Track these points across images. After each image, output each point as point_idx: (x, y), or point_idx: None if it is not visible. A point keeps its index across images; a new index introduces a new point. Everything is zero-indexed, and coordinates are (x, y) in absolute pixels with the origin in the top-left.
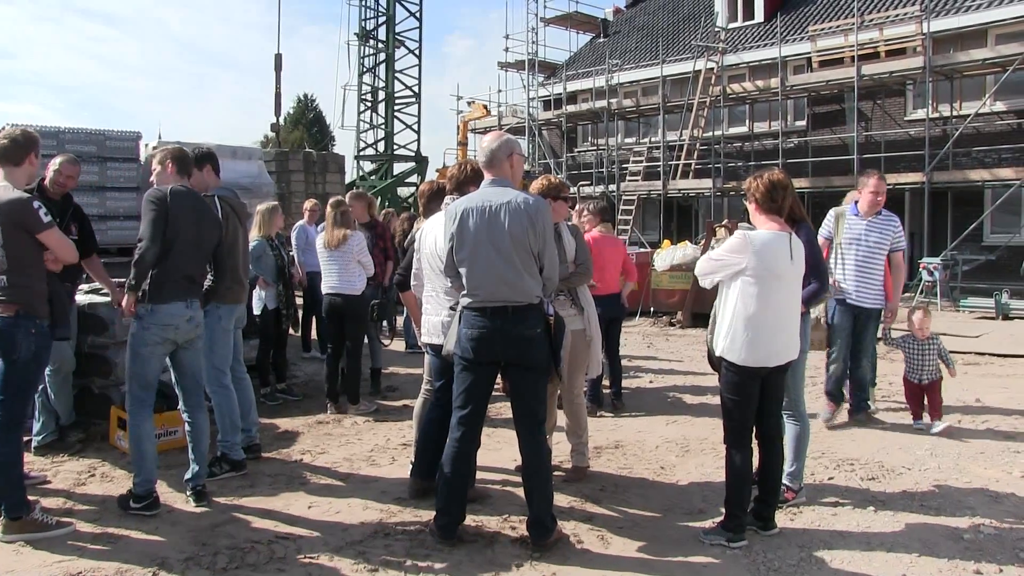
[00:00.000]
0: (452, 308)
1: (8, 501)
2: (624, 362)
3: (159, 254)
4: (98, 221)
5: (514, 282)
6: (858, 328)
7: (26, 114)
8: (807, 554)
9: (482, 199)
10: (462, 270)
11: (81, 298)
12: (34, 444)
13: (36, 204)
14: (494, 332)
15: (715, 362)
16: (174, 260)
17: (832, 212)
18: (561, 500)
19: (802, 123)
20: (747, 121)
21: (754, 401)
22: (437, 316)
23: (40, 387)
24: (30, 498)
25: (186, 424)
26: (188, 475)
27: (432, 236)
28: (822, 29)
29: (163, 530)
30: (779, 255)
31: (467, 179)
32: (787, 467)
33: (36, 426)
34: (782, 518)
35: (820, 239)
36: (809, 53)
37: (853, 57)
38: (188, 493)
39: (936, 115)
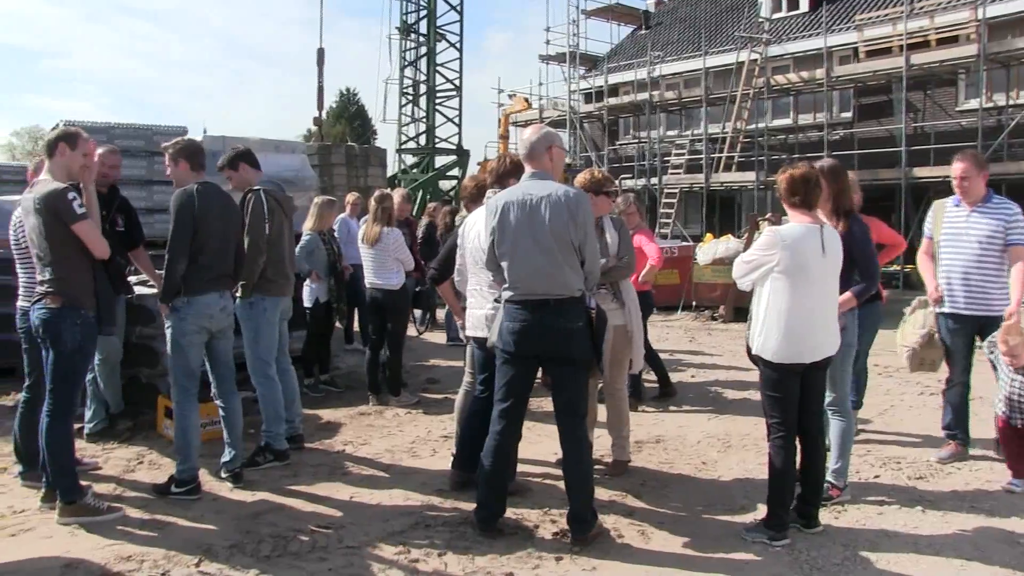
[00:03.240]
0: (497, 301)
1: (61, 486)
2: (665, 356)
3: (188, 263)
4: (145, 214)
5: (555, 275)
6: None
7: (78, 111)
8: (852, 553)
9: (522, 192)
10: (503, 263)
11: None
12: (86, 431)
13: (71, 195)
14: (535, 325)
15: (755, 358)
16: (206, 258)
17: (934, 204)
18: (602, 494)
19: (848, 115)
20: (791, 113)
21: (794, 398)
22: (481, 310)
23: (90, 376)
24: (83, 483)
25: (220, 410)
26: (225, 458)
27: (475, 231)
28: (869, 18)
29: (208, 518)
30: (809, 249)
31: (507, 172)
32: (832, 464)
33: (87, 414)
34: (826, 516)
35: (924, 237)
36: (856, 43)
37: (902, 46)
38: (224, 475)
39: (990, 105)
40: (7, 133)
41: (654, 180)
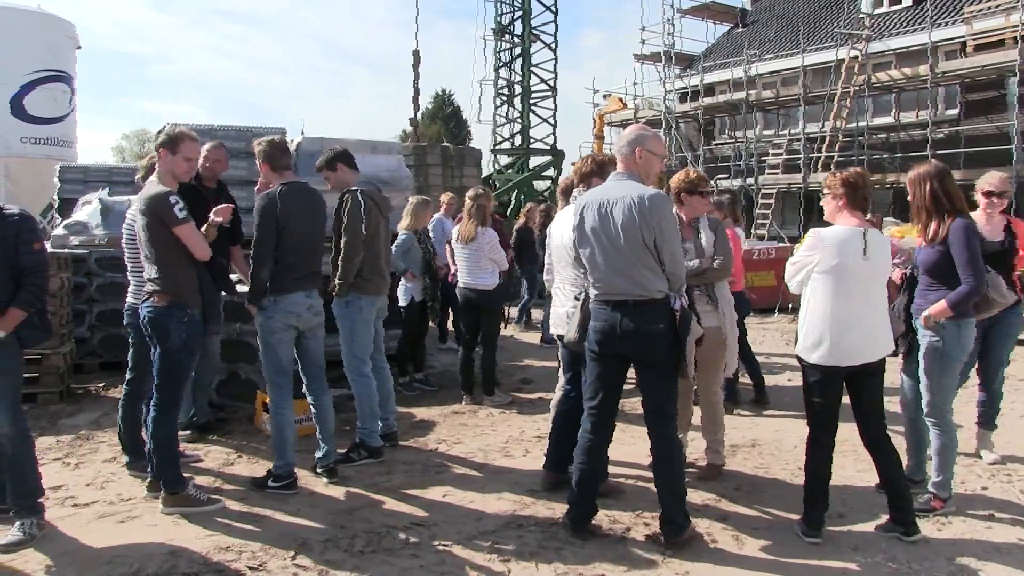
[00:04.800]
0: (576, 298)
1: (166, 477)
2: (761, 359)
3: (276, 255)
4: (246, 214)
5: (632, 275)
6: None
7: (182, 113)
8: (957, 567)
9: (601, 194)
10: (585, 263)
11: None
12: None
13: (172, 199)
14: (615, 325)
15: (797, 358)
16: (293, 258)
17: None
18: (695, 498)
19: (954, 112)
20: (893, 111)
21: (832, 402)
22: (563, 307)
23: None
24: (184, 475)
25: (311, 407)
26: (319, 454)
27: (559, 230)
28: (979, 10)
29: (304, 512)
30: (850, 251)
31: (590, 172)
32: (934, 476)
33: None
34: (929, 527)
35: None
36: (963, 36)
37: (1016, 38)
38: (320, 471)
39: None
40: (117, 136)
41: (751, 180)
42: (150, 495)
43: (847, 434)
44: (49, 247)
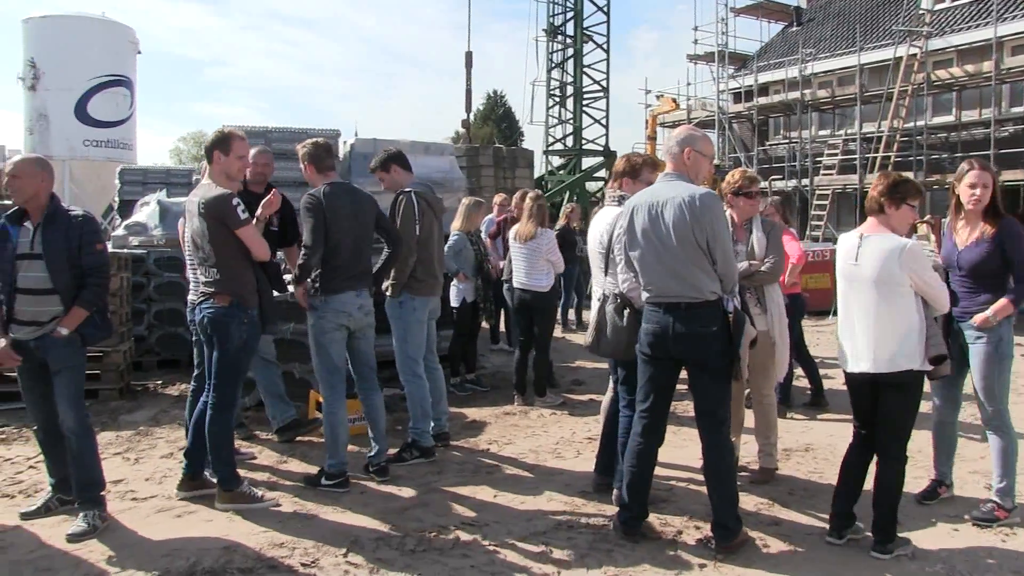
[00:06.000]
0: (598, 299)
1: (221, 474)
2: (816, 363)
3: (324, 255)
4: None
5: (685, 277)
6: None
7: (237, 116)
8: None
9: (651, 195)
10: (636, 265)
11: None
12: (274, 428)
13: (235, 201)
14: (667, 328)
15: None
16: (342, 257)
17: None
18: (747, 502)
19: (1019, 109)
20: (954, 110)
21: (859, 406)
22: (593, 310)
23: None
24: (238, 472)
25: (363, 406)
26: (371, 453)
27: (594, 233)
28: None
29: (355, 510)
30: (842, 256)
31: (622, 171)
32: (995, 483)
33: (269, 412)
34: (991, 538)
35: None
36: None
37: None
38: (372, 470)
39: None
40: (175, 139)
41: (805, 181)
42: (179, 493)
43: None
44: (110, 247)
